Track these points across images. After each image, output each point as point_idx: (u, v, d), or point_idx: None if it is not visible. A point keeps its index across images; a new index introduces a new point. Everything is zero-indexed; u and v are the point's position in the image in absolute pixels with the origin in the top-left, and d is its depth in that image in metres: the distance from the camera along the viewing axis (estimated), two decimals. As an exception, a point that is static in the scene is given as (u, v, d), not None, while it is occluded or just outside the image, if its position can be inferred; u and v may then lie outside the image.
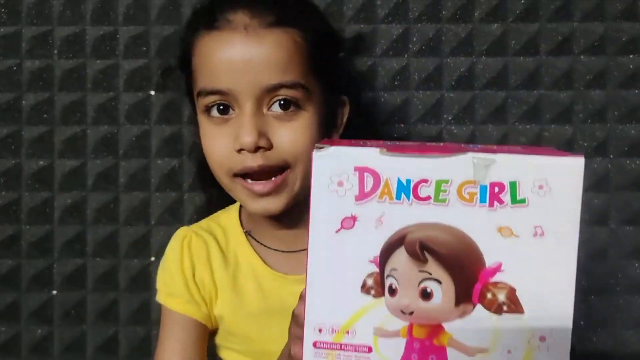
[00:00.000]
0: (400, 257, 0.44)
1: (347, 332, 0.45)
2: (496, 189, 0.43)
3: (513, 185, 0.43)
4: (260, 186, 0.62)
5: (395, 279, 0.44)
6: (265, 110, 0.62)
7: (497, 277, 0.43)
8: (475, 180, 0.43)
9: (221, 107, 0.63)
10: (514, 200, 0.43)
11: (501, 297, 0.43)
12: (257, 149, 0.61)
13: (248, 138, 0.60)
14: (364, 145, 0.45)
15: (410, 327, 0.44)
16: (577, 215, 0.43)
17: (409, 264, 0.43)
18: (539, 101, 0.89)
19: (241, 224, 0.72)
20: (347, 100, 0.71)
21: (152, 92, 0.90)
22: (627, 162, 0.89)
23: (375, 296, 0.44)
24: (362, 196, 0.44)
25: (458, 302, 0.43)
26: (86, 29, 0.90)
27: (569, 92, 0.89)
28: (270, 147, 0.61)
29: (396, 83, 0.90)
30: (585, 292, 0.87)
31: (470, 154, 0.43)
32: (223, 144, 0.62)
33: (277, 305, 0.66)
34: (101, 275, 0.90)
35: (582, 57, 0.89)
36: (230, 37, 0.61)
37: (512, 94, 0.89)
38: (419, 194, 0.43)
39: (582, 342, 0.88)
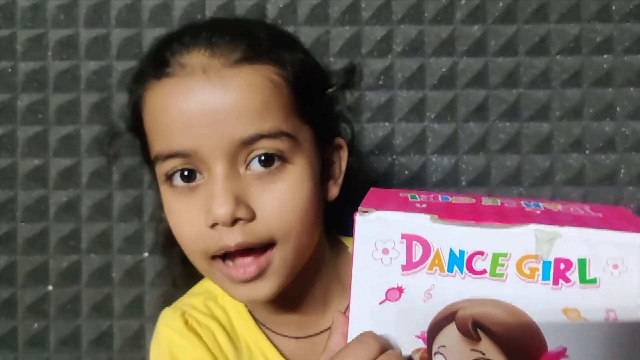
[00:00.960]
0: (451, 334, 0.40)
1: None
2: (562, 266, 0.38)
3: (582, 262, 0.38)
4: (240, 272, 0.49)
5: (445, 357, 0.40)
6: (242, 170, 0.49)
7: None
8: (538, 255, 0.38)
9: (185, 172, 0.50)
10: (582, 279, 0.38)
11: None
12: (235, 221, 0.48)
13: (222, 209, 0.47)
14: (412, 208, 0.41)
15: None
16: None
17: (460, 342, 0.39)
18: (517, 99, 0.91)
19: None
20: (344, 142, 0.60)
21: None
22: (602, 157, 0.91)
23: None
24: (409, 266, 0.40)
25: None
26: (79, 32, 0.91)
27: (546, 91, 0.91)
28: (252, 217, 0.48)
29: (380, 82, 0.91)
30: None
31: (532, 226, 0.38)
32: (192, 219, 0.49)
33: None
34: (95, 271, 0.91)
35: (558, 57, 0.91)
36: (186, 84, 0.48)
37: (492, 93, 0.91)
38: (474, 267, 0.39)
39: None
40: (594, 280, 0.37)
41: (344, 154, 0.58)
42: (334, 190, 0.56)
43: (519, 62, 0.91)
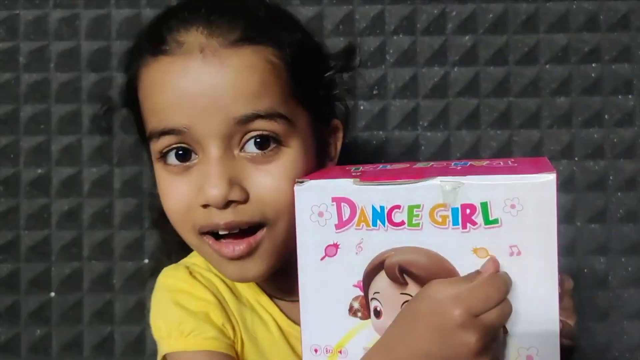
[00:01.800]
0: (382, 281, 0.45)
1: (340, 352, 0.47)
2: (468, 211, 0.43)
3: (484, 206, 0.42)
4: (230, 249, 0.50)
5: (380, 302, 0.46)
6: (236, 152, 0.49)
7: None
8: (446, 203, 0.43)
9: (180, 152, 0.50)
10: (486, 221, 0.43)
11: None
12: (228, 203, 0.48)
13: (215, 191, 0.47)
14: (345, 175, 0.46)
15: None
16: (553, 231, 0.43)
17: (390, 287, 0.45)
18: (508, 108, 0.94)
19: None
20: (340, 124, 0.60)
21: None
22: (591, 164, 0.94)
23: (362, 318, 0.46)
24: (341, 225, 0.45)
25: None
26: (81, 44, 0.94)
27: (536, 99, 0.94)
28: (245, 199, 0.49)
29: (375, 92, 0.95)
30: None
31: (438, 178, 0.43)
32: (184, 197, 0.50)
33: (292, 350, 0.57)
34: (97, 278, 0.93)
35: (547, 66, 0.94)
36: (182, 63, 0.48)
37: (483, 101, 0.94)
38: (393, 219, 0.44)
39: None
40: (496, 221, 0.43)
41: (339, 135, 0.59)
42: (327, 164, 0.57)
43: (509, 71, 0.94)
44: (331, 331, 0.47)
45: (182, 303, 0.55)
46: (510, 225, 0.42)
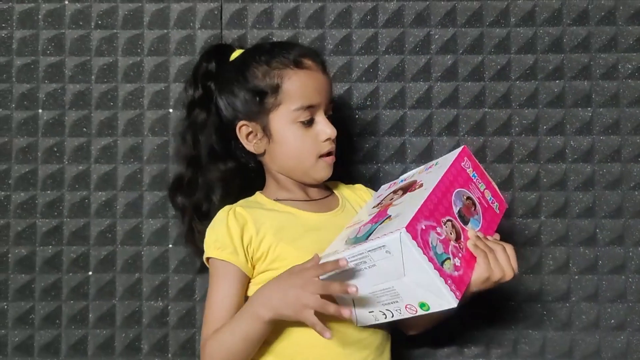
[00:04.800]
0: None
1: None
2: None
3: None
4: (330, 160, 0.88)
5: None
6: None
7: None
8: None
9: (307, 120, 0.86)
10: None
11: None
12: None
13: (333, 131, 0.86)
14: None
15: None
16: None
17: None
18: (483, 117, 1.06)
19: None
20: None
21: (170, 110, 1.07)
22: (555, 166, 1.05)
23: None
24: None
25: None
26: (118, 59, 1.07)
27: (507, 110, 1.06)
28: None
29: (368, 103, 1.06)
30: (521, 272, 1.03)
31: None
32: (309, 139, 0.86)
33: (309, 226, 0.85)
34: (128, 260, 1.05)
35: (517, 82, 1.06)
36: (315, 74, 0.87)
37: (462, 112, 1.06)
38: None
39: (517, 312, 1.04)
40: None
41: None
42: None
43: (485, 86, 1.06)
44: None
45: (218, 227, 0.84)
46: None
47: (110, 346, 1.04)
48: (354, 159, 1.06)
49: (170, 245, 1.05)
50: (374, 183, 1.04)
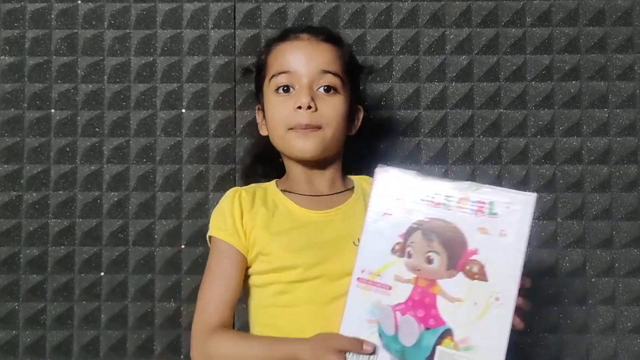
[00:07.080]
0: (417, 236, 0.66)
1: (378, 275, 0.67)
2: (480, 204, 0.64)
3: (491, 203, 0.64)
4: (307, 132, 0.84)
5: (412, 249, 0.66)
6: (314, 90, 0.84)
7: (474, 257, 0.63)
8: (468, 196, 0.65)
9: (285, 88, 0.85)
10: (490, 213, 0.64)
11: (475, 269, 0.63)
12: (307, 107, 0.82)
13: (305, 99, 0.82)
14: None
15: (417, 279, 0.65)
16: (525, 231, 0.63)
17: (422, 241, 0.66)
18: (498, 118, 1.05)
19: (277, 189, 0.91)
20: (362, 108, 0.92)
21: (183, 110, 1.07)
22: (571, 167, 1.05)
23: (399, 257, 0.66)
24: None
25: (448, 268, 0.64)
26: (131, 59, 1.07)
27: (523, 111, 1.05)
28: (315, 109, 0.83)
29: (382, 104, 1.06)
30: (537, 275, 1.02)
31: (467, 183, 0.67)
32: (285, 107, 0.84)
33: (300, 223, 0.84)
34: (140, 260, 1.04)
35: (533, 82, 1.06)
36: (297, 43, 0.86)
37: (477, 113, 1.06)
38: (434, 201, 0.66)
39: (534, 315, 1.02)
40: (496, 214, 0.64)
41: (360, 115, 0.92)
42: (352, 131, 0.91)
43: (500, 86, 1.06)
44: (377, 260, 0.67)
45: (223, 207, 0.86)
46: (504, 217, 0.63)
47: (123, 347, 1.04)
48: (368, 160, 1.05)
49: (183, 246, 1.05)
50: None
